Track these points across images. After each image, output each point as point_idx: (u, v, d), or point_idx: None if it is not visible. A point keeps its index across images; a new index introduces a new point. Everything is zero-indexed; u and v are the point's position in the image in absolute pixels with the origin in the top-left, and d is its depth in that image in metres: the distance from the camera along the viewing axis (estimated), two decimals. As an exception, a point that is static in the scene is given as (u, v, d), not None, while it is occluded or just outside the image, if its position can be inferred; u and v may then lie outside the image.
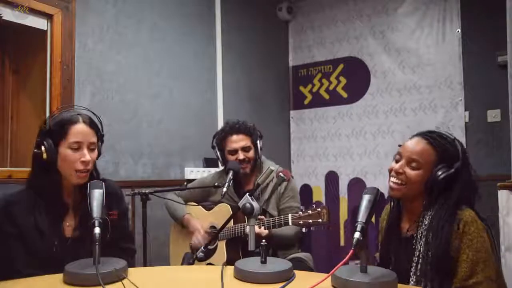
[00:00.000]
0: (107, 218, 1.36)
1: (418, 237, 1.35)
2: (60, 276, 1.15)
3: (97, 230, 1.13)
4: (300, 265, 2.02)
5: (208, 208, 2.23)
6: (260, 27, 3.77)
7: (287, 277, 1.14)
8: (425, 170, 1.36)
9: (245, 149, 2.19)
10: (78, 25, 2.37)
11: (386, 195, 1.50)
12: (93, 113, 1.51)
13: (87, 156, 1.41)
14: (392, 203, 1.50)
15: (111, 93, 2.55)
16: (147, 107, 2.76)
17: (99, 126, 1.50)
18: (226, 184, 2.00)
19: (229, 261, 1.83)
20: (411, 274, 1.33)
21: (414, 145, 1.39)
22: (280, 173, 2.16)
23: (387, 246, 1.46)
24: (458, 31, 3.23)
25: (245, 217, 1.88)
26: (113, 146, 2.51)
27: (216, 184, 2.17)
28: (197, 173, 2.97)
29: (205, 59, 3.20)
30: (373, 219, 2.56)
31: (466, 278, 1.25)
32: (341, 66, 3.81)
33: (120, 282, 1.07)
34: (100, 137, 1.50)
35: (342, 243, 3.71)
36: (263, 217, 1.99)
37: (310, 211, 1.78)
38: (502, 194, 2.00)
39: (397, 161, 1.41)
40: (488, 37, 3.05)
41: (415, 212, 1.41)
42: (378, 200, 1.16)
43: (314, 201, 3.87)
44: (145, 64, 2.77)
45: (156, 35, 2.84)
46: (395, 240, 1.44)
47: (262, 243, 1.22)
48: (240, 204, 1.40)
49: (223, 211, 2.12)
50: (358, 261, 1.11)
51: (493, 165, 2.72)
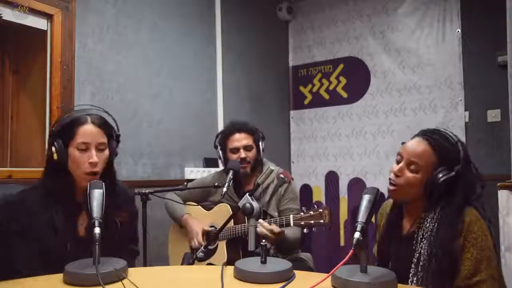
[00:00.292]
0: (117, 220, 1.37)
1: (419, 239, 1.34)
2: (60, 276, 1.15)
3: (97, 230, 1.13)
4: (300, 265, 2.02)
5: (208, 208, 2.23)
6: (260, 27, 3.77)
7: (287, 277, 1.14)
8: (425, 173, 1.34)
9: (247, 148, 2.19)
10: (78, 25, 2.37)
11: (386, 195, 1.50)
12: (108, 114, 1.51)
13: (95, 157, 1.40)
14: (393, 202, 1.50)
15: (111, 93, 2.55)
16: (147, 107, 2.76)
17: (114, 126, 1.50)
18: (226, 184, 1.99)
19: (230, 261, 1.83)
20: (410, 276, 1.32)
21: (415, 147, 1.37)
22: (281, 175, 2.16)
23: (387, 244, 1.46)
24: (458, 31, 3.23)
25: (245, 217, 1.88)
26: (113, 146, 2.51)
27: (216, 184, 2.17)
28: (197, 173, 2.97)
29: (205, 59, 3.20)
30: (373, 219, 2.55)
31: (470, 276, 1.24)
32: (341, 66, 3.81)
33: (120, 282, 1.07)
34: (116, 137, 1.51)
35: (342, 243, 3.71)
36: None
37: (312, 212, 1.77)
38: (502, 194, 2.00)
39: (398, 162, 1.41)
40: (488, 37, 3.04)
41: (416, 212, 1.40)
42: (378, 200, 1.16)
43: (314, 201, 3.86)
44: (145, 64, 2.77)
45: (156, 35, 2.84)
46: (395, 239, 1.44)
47: (262, 243, 1.22)
48: (240, 204, 1.40)
49: (223, 211, 2.12)
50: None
51: (493, 165, 2.72)
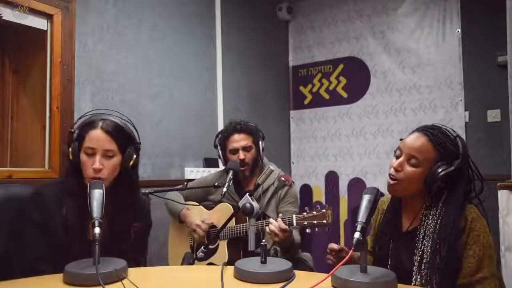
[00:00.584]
0: (132, 230, 1.40)
1: (420, 236, 1.33)
2: (60, 276, 1.15)
3: (97, 230, 1.13)
4: (300, 265, 2.02)
5: (209, 208, 2.23)
6: (260, 27, 3.77)
7: (287, 277, 1.14)
8: (424, 168, 1.34)
9: (246, 149, 2.18)
10: (78, 25, 2.37)
11: (386, 192, 1.50)
12: (129, 121, 1.50)
13: (97, 164, 1.39)
14: (392, 197, 1.49)
15: (111, 93, 2.55)
16: (147, 107, 2.76)
17: (133, 134, 1.48)
18: (226, 184, 1.98)
19: (231, 261, 1.83)
20: (414, 274, 1.31)
21: (414, 141, 1.37)
22: (282, 178, 2.16)
23: (386, 241, 1.44)
24: (458, 31, 3.23)
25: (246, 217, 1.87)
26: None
27: (216, 184, 2.16)
28: (197, 173, 2.97)
29: (205, 59, 3.20)
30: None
31: (472, 273, 1.24)
32: (341, 66, 3.81)
33: (120, 282, 1.07)
34: (134, 145, 1.47)
35: (342, 243, 3.71)
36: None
37: (315, 212, 1.75)
38: (502, 194, 2.00)
39: (398, 157, 1.40)
40: (488, 37, 3.04)
41: (415, 208, 1.39)
42: (378, 200, 1.16)
43: (314, 202, 3.86)
44: (145, 64, 2.77)
45: (156, 35, 2.84)
46: (394, 236, 1.43)
47: (262, 243, 1.21)
48: (240, 204, 1.40)
49: (225, 211, 2.12)
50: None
51: (493, 165, 2.71)
